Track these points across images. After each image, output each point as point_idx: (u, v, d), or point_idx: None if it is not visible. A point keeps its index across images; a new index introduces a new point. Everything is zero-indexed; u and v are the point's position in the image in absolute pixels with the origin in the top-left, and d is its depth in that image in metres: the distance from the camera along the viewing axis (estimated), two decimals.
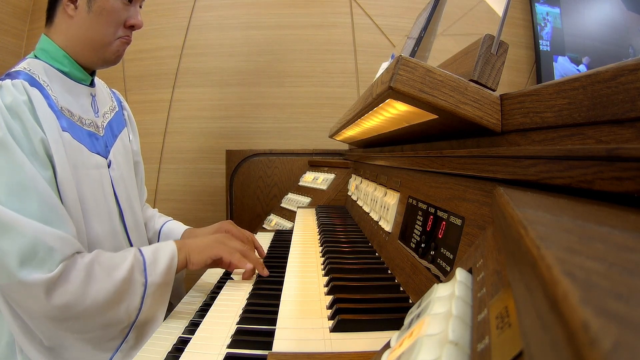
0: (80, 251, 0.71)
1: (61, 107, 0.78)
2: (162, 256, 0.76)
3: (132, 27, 0.85)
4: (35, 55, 0.82)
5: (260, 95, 2.18)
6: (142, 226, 1.00)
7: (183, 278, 1.07)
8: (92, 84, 0.89)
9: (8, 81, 0.71)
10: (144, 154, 1.13)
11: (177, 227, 1.09)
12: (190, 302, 0.83)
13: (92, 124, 0.86)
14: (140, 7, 0.88)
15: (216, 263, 0.82)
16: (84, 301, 0.67)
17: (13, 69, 0.77)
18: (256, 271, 0.83)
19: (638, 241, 0.17)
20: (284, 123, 2.18)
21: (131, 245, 0.92)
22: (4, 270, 0.64)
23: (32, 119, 0.70)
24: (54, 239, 0.66)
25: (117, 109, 0.99)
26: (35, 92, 0.72)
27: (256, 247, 0.97)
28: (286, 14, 2.16)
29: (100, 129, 0.89)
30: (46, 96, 0.74)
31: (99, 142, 0.87)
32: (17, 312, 0.68)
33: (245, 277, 0.82)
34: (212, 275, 0.99)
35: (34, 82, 0.74)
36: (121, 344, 0.72)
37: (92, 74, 0.89)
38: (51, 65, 0.80)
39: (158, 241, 1.07)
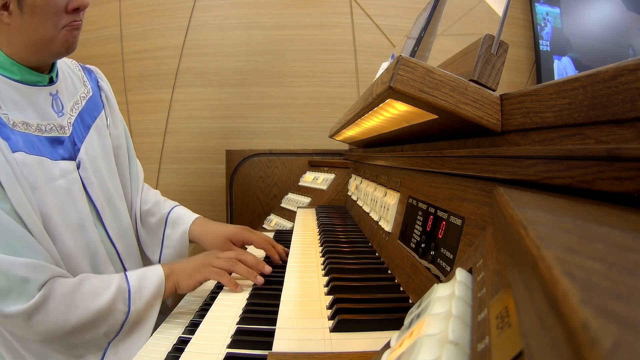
0: (60, 275, 0.70)
1: (13, 123, 0.74)
2: (149, 285, 0.75)
3: (77, 10, 0.77)
4: None
5: (260, 95, 2.18)
6: (127, 224, 0.94)
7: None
8: (51, 82, 0.83)
9: None
10: (144, 154, 1.12)
11: (186, 215, 1.05)
12: (190, 302, 0.83)
13: (53, 128, 0.81)
14: None
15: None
16: (64, 327, 0.68)
17: None
18: (257, 270, 0.83)
19: (638, 241, 0.17)
20: (284, 123, 2.18)
21: (115, 247, 0.88)
22: None
23: None
24: (25, 269, 0.66)
25: (90, 93, 0.93)
26: None
27: (278, 252, 0.95)
28: (286, 14, 2.16)
29: (66, 128, 0.84)
30: None
31: (65, 145, 0.82)
32: (4, 333, 0.69)
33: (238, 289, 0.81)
34: None
35: None
36: (103, 357, 0.73)
37: (52, 68, 0.84)
38: (3, 76, 0.76)
39: (165, 228, 1.03)
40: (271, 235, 1.25)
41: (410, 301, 0.57)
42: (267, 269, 0.82)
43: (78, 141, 0.85)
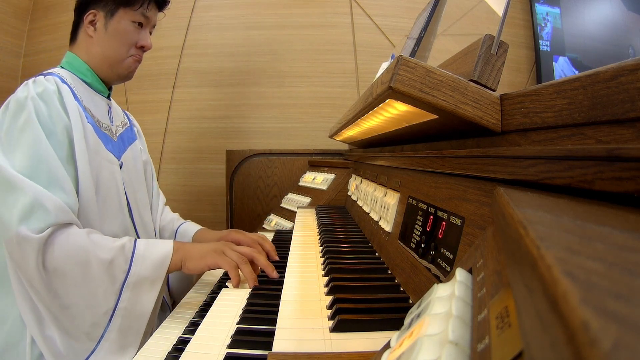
0: (77, 224, 0.77)
1: (85, 106, 0.88)
2: (155, 252, 0.78)
3: (142, 48, 0.99)
4: (62, 67, 0.94)
5: (260, 95, 2.18)
6: (150, 227, 1.05)
7: (192, 276, 1.10)
8: (109, 97, 1.01)
9: (41, 76, 0.83)
10: None
11: (191, 228, 1.15)
12: (190, 302, 0.83)
13: (107, 128, 0.97)
14: (151, 33, 1.01)
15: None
16: (67, 267, 0.72)
17: (44, 72, 0.87)
18: (256, 270, 0.83)
19: (638, 241, 0.17)
20: (284, 123, 2.18)
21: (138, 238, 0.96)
22: (7, 224, 0.72)
23: (59, 106, 0.81)
24: (52, 204, 0.73)
25: (128, 125, 1.10)
26: (64, 87, 0.84)
27: (266, 250, 0.96)
28: (286, 14, 2.16)
29: (114, 135, 0.99)
30: (73, 93, 0.86)
31: (113, 145, 0.96)
32: (20, 277, 0.74)
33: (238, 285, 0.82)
34: (213, 275, 0.99)
35: (63, 81, 0.85)
36: (104, 332, 0.74)
37: (109, 89, 1.01)
38: (76, 76, 0.93)
39: (175, 239, 1.13)
40: (271, 235, 1.25)
41: (410, 301, 0.57)
42: (274, 274, 0.82)
43: (120, 150, 1.00)
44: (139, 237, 0.97)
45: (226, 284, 0.82)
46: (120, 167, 0.96)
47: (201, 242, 1.06)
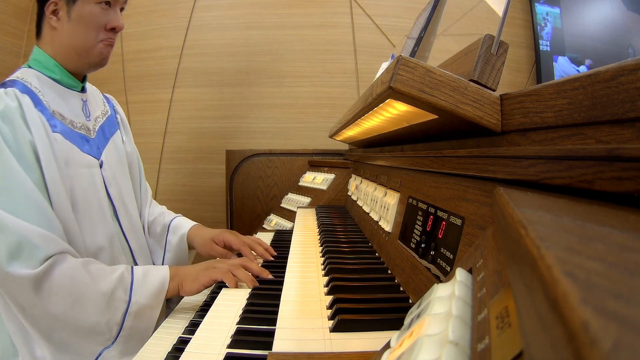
0: (68, 252, 0.74)
1: (53, 111, 0.82)
2: (152, 280, 0.78)
3: (114, 30, 0.89)
4: (29, 66, 0.88)
5: (260, 95, 2.18)
6: (138, 225, 1.02)
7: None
8: (83, 90, 0.94)
9: (1, 90, 0.77)
10: (144, 154, 1.14)
11: (186, 223, 1.13)
12: (190, 302, 0.83)
13: (83, 126, 0.90)
14: (122, 10, 0.92)
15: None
16: (67, 302, 0.70)
17: (8, 79, 0.82)
18: (257, 270, 0.83)
19: (638, 241, 0.17)
20: (284, 123, 2.18)
21: (128, 243, 0.95)
22: None
23: (22, 123, 0.75)
24: (39, 237, 0.70)
25: (109, 113, 1.04)
26: (25, 99, 0.77)
27: (259, 253, 0.97)
28: (286, 14, 2.16)
29: (92, 131, 0.93)
30: (37, 102, 0.80)
31: (91, 144, 0.91)
32: (13, 309, 0.72)
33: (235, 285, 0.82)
34: None
35: (25, 89, 0.79)
36: (104, 349, 0.74)
37: (83, 80, 0.94)
38: (43, 74, 0.86)
39: (167, 234, 1.11)
40: (271, 235, 1.25)
41: (410, 301, 0.57)
42: (269, 276, 0.83)
43: (100, 146, 0.94)
44: (127, 241, 0.94)
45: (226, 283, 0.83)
46: (101, 166, 0.91)
47: (195, 238, 1.08)
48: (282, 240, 1.15)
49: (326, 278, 0.68)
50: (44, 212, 0.73)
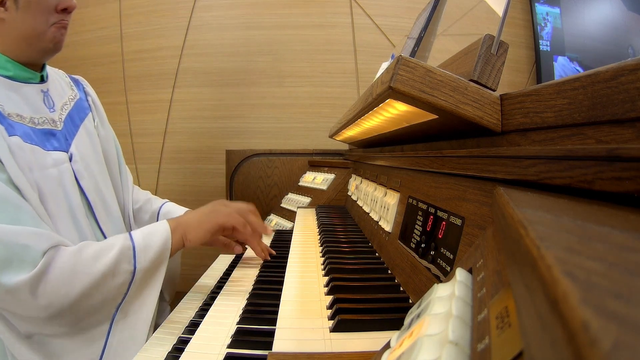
0: (61, 243, 0.70)
1: (8, 113, 0.77)
2: (155, 240, 0.74)
3: (66, 10, 0.83)
4: None
5: (260, 95, 2.18)
6: (117, 216, 0.96)
7: (179, 268, 1.04)
8: (42, 80, 0.88)
9: None
10: (144, 154, 1.12)
11: (177, 209, 1.07)
12: (190, 302, 0.83)
13: (46, 120, 0.84)
14: None
15: (216, 242, 0.78)
16: (69, 295, 0.67)
17: None
18: (257, 271, 0.83)
19: (638, 241, 0.17)
20: (284, 123, 2.18)
21: (105, 238, 0.88)
22: None
23: None
24: (26, 236, 0.65)
25: (78, 96, 0.97)
26: None
27: (251, 222, 0.92)
28: (286, 14, 2.16)
29: (58, 122, 0.87)
30: None
31: (57, 137, 0.85)
32: (9, 320, 0.68)
33: (257, 253, 0.78)
34: (212, 275, 0.99)
35: None
36: (110, 328, 0.71)
37: (42, 69, 0.88)
38: None
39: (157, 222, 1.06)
40: (271, 235, 1.25)
41: (410, 301, 0.57)
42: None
43: (69, 137, 0.87)
44: (104, 235, 0.88)
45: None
46: (71, 159, 0.85)
47: None
48: (282, 240, 1.15)
49: (326, 278, 0.68)
50: (22, 208, 0.68)
